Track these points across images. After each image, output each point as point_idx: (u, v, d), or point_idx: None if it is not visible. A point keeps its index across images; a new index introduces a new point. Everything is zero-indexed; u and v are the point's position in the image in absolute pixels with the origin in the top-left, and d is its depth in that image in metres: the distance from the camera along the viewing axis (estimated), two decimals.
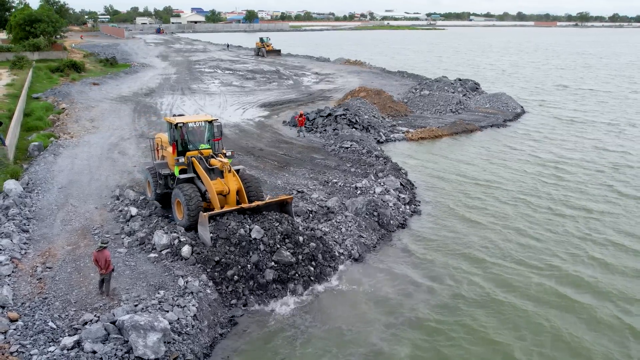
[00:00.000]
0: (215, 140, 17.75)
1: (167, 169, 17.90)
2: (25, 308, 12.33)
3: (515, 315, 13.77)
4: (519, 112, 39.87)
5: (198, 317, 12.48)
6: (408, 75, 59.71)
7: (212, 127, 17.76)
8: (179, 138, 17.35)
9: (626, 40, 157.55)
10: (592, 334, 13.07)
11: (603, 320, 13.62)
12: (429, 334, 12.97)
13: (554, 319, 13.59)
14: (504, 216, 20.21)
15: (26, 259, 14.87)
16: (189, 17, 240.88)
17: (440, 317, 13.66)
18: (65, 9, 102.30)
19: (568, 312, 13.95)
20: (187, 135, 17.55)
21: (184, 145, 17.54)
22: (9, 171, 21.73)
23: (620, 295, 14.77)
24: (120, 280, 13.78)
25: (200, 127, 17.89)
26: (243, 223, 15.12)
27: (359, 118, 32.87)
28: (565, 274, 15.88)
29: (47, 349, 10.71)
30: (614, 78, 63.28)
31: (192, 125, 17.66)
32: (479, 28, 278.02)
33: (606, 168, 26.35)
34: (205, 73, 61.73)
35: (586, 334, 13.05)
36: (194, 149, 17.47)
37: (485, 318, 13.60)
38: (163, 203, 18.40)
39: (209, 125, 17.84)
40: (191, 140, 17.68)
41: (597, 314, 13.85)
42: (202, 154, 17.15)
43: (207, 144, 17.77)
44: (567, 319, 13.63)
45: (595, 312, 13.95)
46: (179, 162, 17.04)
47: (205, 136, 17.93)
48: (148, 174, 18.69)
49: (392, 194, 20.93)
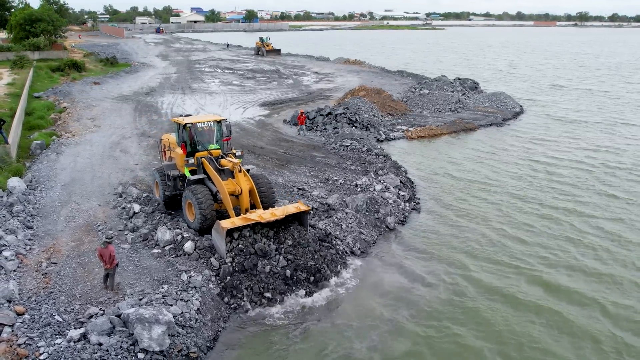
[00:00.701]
0: (225, 140, 17.67)
1: (176, 170, 17.54)
2: (31, 302, 12.54)
3: (515, 310, 13.98)
4: (518, 111, 40.08)
5: (201, 310, 12.70)
6: (407, 75, 59.93)
7: (221, 127, 17.76)
8: (187, 139, 17.16)
9: (624, 40, 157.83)
10: (605, 325, 13.30)
11: (620, 315, 13.84)
12: (429, 330, 13.16)
13: (554, 312, 13.81)
14: (503, 213, 20.42)
15: (31, 255, 15.08)
16: (188, 17, 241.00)
17: (441, 313, 13.86)
18: (65, 8, 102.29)
19: (569, 305, 14.16)
20: (196, 135, 17.37)
21: (193, 146, 17.36)
22: (12, 169, 21.93)
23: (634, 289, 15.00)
24: (124, 275, 14.00)
25: (210, 128, 17.70)
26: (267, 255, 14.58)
27: (359, 117, 33.07)
28: (565, 269, 16.10)
29: (54, 341, 10.92)
30: (610, 77, 63.51)
31: (200, 126, 17.45)
32: (478, 28, 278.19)
33: (608, 167, 26.58)
34: (205, 72, 61.92)
35: (596, 324, 13.27)
36: (203, 150, 17.32)
37: (485, 314, 13.79)
38: (171, 205, 18.24)
39: (217, 125, 17.75)
40: (200, 141, 17.48)
41: (605, 306, 14.07)
42: (211, 154, 16.96)
43: (216, 144, 17.67)
44: (569, 310, 13.85)
45: (603, 303, 14.18)
46: (189, 163, 16.83)
47: (215, 136, 17.78)
48: (157, 175, 18.44)
49: (392, 191, 21.15)
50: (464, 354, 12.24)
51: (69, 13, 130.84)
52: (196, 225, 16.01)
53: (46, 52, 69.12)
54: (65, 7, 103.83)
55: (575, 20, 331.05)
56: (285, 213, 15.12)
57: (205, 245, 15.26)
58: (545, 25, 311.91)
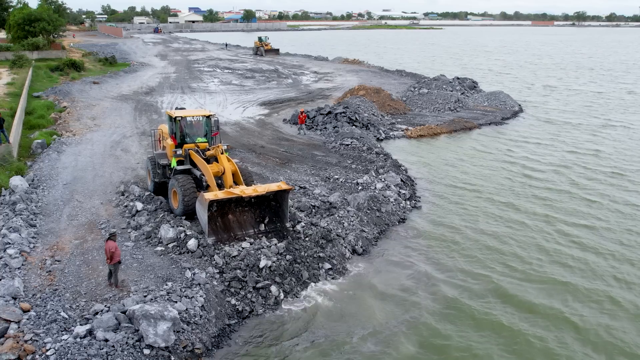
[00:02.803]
0: (214, 134, 18.77)
1: (165, 159, 18.75)
2: (36, 299, 12.61)
3: (515, 308, 14.10)
4: (517, 110, 40.25)
5: (206, 307, 12.77)
6: (406, 74, 60.09)
7: (210, 122, 18.73)
8: (177, 131, 18.13)
9: (619, 40, 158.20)
10: (609, 320, 13.42)
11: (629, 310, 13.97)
12: (430, 330, 13.23)
13: (555, 310, 13.94)
14: (503, 212, 20.55)
15: (35, 253, 15.14)
16: (186, 17, 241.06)
17: (441, 313, 13.95)
18: (63, 8, 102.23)
19: (570, 302, 14.29)
20: (185, 128, 18.37)
21: (182, 138, 18.34)
22: (14, 168, 22.00)
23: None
24: (128, 273, 14.07)
25: (199, 122, 18.75)
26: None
27: (359, 116, 33.18)
28: (567, 266, 16.23)
29: (61, 337, 10.98)
30: (602, 77, 63.81)
31: (190, 120, 18.50)
32: (476, 27, 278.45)
33: (606, 168, 26.76)
34: (204, 72, 61.97)
35: (597, 319, 13.40)
36: (191, 142, 18.30)
37: (486, 314, 13.89)
38: (160, 191, 19.30)
39: (206, 120, 18.77)
40: (189, 134, 18.48)
41: (617, 301, 14.19)
42: (198, 147, 18.06)
43: (205, 137, 18.66)
44: (571, 308, 13.98)
45: (613, 298, 14.30)
46: (177, 153, 17.93)
47: (203, 130, 18.78)
48: (149, 163, 19.65)
49: (393, 189, 21.26)
50: (464, 355, 12.35)
51: (67, 13, 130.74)
52: (179, 211, 17.06)
53: (45, 52, 69.10)
54: (64, 6, 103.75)
55: (572, 20, 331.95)
56: (267, 190, 15.82)
57: (209, 243, 15.35)
58: (543, 25, 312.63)
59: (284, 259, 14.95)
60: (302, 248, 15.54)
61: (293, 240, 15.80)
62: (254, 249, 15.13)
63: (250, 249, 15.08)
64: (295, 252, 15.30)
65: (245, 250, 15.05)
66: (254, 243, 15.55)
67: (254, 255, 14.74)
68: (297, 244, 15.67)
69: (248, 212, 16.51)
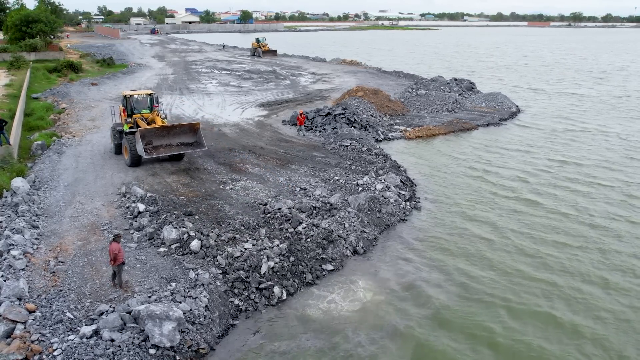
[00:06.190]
0: (155, 107, 24.61)
1: (121, 126, 25.15)
2: (41, 300, 12.71)
3: (515, 308, 14.27)
4: (514, 111, 40.47)
5: (209, 307, 12.89)
6: (404, 75, 60.28)
7: (152, 98, 25.05)
8: (127, 105, 24.58)
9: (612, 40, 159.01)
10: (608, 325, 13.59)
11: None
12: (430, 330, 13.40)
13: (556, 309, 14.11)
14: (503, 212, 20.73)
15: (38, 254, 15.23)
16: (183, 18, 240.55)
17: (442, 313, 14.10)
18: (60, 9, 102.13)
19: (570, 301, 14.47)
20: (133, 103, 24.80)
21: (132, 111, 24.66)
22: (15, 169, 22.08)
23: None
24: (132, 274, 14.18)
25: (143, 98, 25.18)
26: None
27: (358, 117, 33.34)
28: (566, 265, 16.41)
29: (67, 337, 11.09)
30: (592, 79, 64.19)
31: (136, 97, 25.02)
32: (472, 28, 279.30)
33: (606, 165, 26.98)
34: (202, 73, 62.01)
35: (597, 325, 13.57)
36: (138, 113, 24.65)
37: (486, 312, 14.07)
38: (119, 151, 25.51)
39: (149, 97, 25.23)
40: (136, 107, 24.89)
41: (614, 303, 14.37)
42: (143, 116, 24.55)
43: (148, 109, 24.94)
44: (571, 309, 14.15)
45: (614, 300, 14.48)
46: (127, 121, 24.43)
47: (147, 104, 25.12)
48: (111, 131, 26.12)
49: (393, 190, 21.42)
50: (464, 355, 12.50)
51: (64, 14, 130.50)
52: (128, 162, 23.60)
53: (42, 53, 69.02)
54: (60, 7, 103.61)
55: (568, 20, 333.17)
56: (179, 123, 24.52)
57: (212, 244, 15.47)
58: (540, 26, 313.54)
59: (287, 260, 15.10)
60: (304, 249, 15.70)
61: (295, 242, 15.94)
62: (256, 249, 15.27)
63: (252, 250, 15.22)
64: (297, 253, 15.45)
65: (248, 251, 15.19)
66: (256, 244, 15.65)
67: (257, 256, 14.89)
68: (299, 245, 15.81)
69: (170, 138, 23.43)
